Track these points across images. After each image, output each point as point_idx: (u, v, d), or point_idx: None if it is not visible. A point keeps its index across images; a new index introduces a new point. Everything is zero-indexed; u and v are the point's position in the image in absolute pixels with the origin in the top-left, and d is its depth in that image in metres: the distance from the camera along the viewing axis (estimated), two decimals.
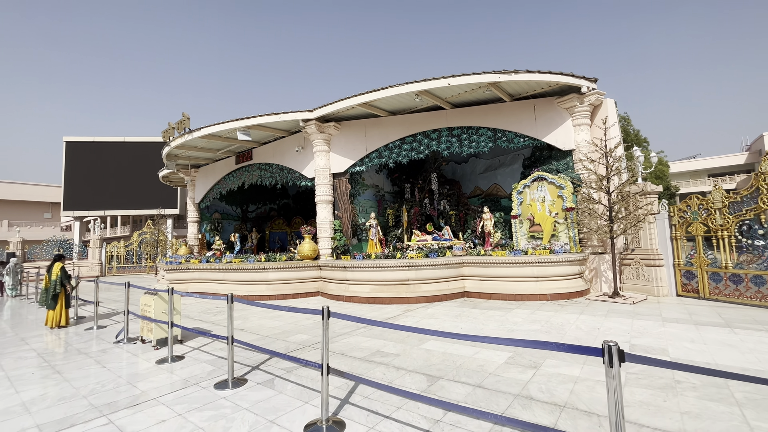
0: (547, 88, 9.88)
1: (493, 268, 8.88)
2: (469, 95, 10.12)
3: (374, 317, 7.29)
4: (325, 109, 10.28)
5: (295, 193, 20.28)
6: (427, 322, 6.65)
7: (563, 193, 9.67)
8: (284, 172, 12.59)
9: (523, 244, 10.32)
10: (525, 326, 6.12)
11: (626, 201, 8.14)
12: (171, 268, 11.44)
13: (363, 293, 9.00)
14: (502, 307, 7.76)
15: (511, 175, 12.53)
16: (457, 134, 10.72)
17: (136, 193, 30.12)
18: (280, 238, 18.27)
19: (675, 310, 6.89)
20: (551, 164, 10.58)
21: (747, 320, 5.98)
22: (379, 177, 13.39)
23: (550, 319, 6.58)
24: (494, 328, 6.12)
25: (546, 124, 10.19)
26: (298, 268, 10.27)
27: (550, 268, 8.50)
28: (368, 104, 10.16)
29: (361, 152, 11.17)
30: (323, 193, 11.11)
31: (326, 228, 11.04)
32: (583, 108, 9.83)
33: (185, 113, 11.55)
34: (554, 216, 9.89)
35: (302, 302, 9.53)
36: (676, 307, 7.23)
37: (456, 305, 8.23)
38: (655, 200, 8.83)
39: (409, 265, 8.73)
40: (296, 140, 12.12)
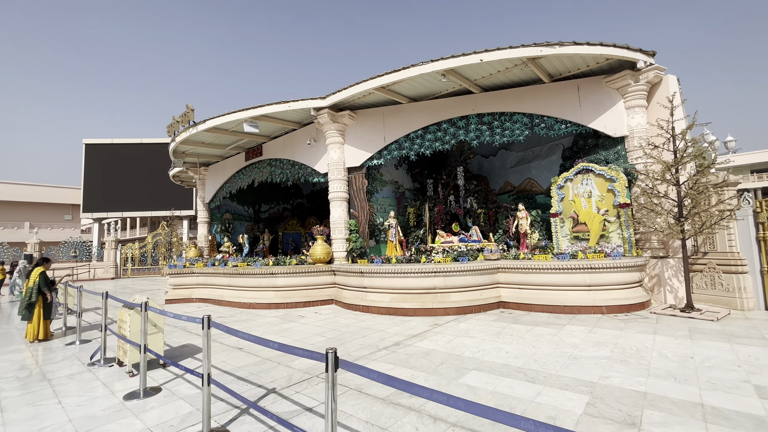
0: (593, 66, 8.50)
1: (535, 275, 7.55)
2: (503, 76, 8.83)
3: (397, 333, 6.12)
4: (338, 96, 9.20)
5: (309, 193, 19.36)
6: (461, 342, 5.43)
7: (615, 186, 8.26)
8: (295, 167, 11.59)
9: (564, 246, 8.94)
10: (589, 350, 4.82)
11: (704, 194, 6.68)
12: (174, 273, 10.61)
13: (382, 303, 7.84)
14: (550, 323, 6.45)
15: (547, 168, 11.12)
16: (487, 121, 9.43)
17: (154, 194, 29.97)
18: (294, 239, 17.35)
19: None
20: (598, 154, 9.16)
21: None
22: (399, 172, 12.22)
23: (617, 340, 5.25)
24: (549, 352, 4.84)
25: (592, 108, 8.78)
26: (309, 273, 9.21)
27: (605, 275, 7.12)
28: (387, 88, 9.02)
29: (379, 144, 10.03)
30: (337, 189, 10.02)
31: (341, 228, 9.95)
32: (638, 87, 8.39)
33: (189, 105, 10.71)
34: (603, 213, 8.48)
35: (314, 312, 8.45)
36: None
37: (492, 319, 6.96)
38: (735, 194, 7.32)
39: (436, 270, 7.51)
40: (308, 133, 11.10)
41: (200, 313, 9.07)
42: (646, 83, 8.41)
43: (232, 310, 9.14)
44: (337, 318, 7.66)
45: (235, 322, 7.69)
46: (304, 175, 11.28)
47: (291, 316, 8.01)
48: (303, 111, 10.06)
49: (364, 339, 5.86)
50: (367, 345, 5.52)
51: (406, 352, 5.07)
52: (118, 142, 30.40)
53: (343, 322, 7.22)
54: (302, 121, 11.12)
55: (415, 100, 9.92)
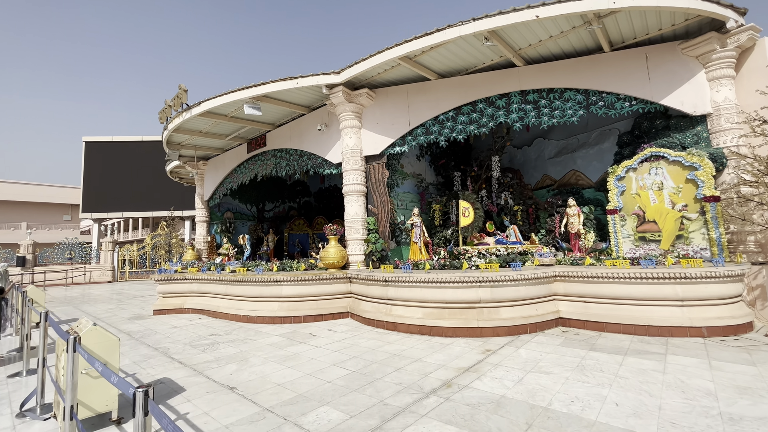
0: (666, 29, 6.94)
1: (606, 285, 5.98)
2: (553, 43, 7.29)
3: (441, 365, 4.58)
4: (355, 69, 7.71)
5: (317, 190, 17.92)
6: (537, 383, 3.88)
7: (698, 175, 6.68)
8: (303, 158, 10.13)
9: (626, 248, 7.37)
10: (740, 403, 3.26)
11: None
12: (163, 279, 9.16)
13: (413, 319, 6.31)
14: (642, 351, 4.87)
15: (597, 157, 9.54)
16: (533, 100, 7.89)
17: (157, 193, 28.76)
18: (301, 240, 15.88)
19: None
20: (669, 137, 7.57)
21: None
22: (421, 164, 10.71)
23: (763, 383, 3.67)
24: (680, 406, 3.28)
25: (665, 81, 7.20)
26: (320, 280, 7.71)
27: (704, 287, 5.52)
28: (414, 59, 7.52)
29: (402, 128, 8.53)
30: (353, 181, 8.52)
31: (357, 227, 8.44)
32: (725, 54, 6.80)
33: (182, 85, 9.31)
34: (681, 209, 6.90)
35: (327, 329, 6.95)
36: None
37: (558, 343, 5.39)
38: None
39: (482, 279, 5.97)
40: (318, 118, 9.64)
41: (192, 326, 7.61)
42: (736, 48, 6.82)
43: (229, 325, 7.66)
44: (356, 338, 6.15)
45: (231, 342, 6.21)
46: (314, 167, 9.81)
47: (299, 335, 6.52)
48: (313, 90, 8.59)
49: (399, 374, 4.34)
50: (406, 385, 3.99)
51: (467, 401, 3.53)
52: (119, 139, 29.27)
53: (365, 345, 5.70)
54: (311, 105, 9.66)
55: (444, 76, 8.42)
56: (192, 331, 7.17)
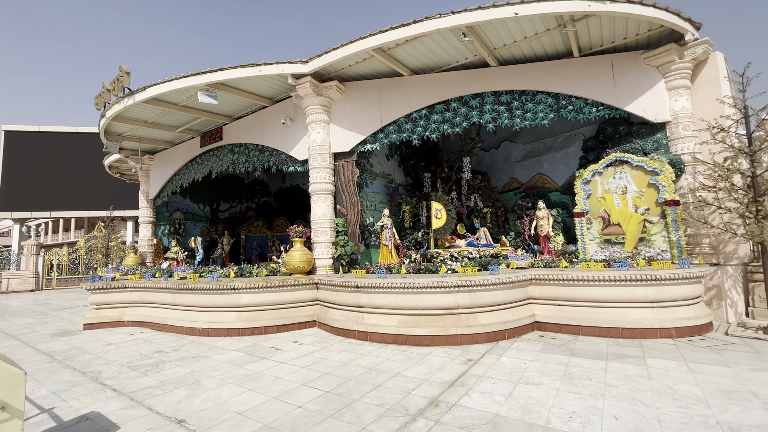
0: (631, 39, 7.16)
1: (581, 288, 5.95)
2: (527, 45, 7.27)
3: (423, 379, 4.19)
4: (325, 59, 7.17)
5: (278, 190, 16.95)
6: (529, 396, 3.61)
7: (659, 180, 6.91)
8: (265, 154, 9.36)
9: (592, 251, 7.50)
10: (732, 410, 3.19)
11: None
12: (97, 287, 7.94)
13: (387, 328, 5.87)
14: (621, 354, 4.82)
15: (563, 161, 9.74)
16: (506, 101, 7.82)
17: (93, 191, 25.92)
18: (259, 243, 14.88)
19: None
20: (632, 143, 7.82)
21: None
22: (390, 164, 10.35)
23: (745, 386, 3.68)
24: (677, 417, 3.15)
25: (628, 88, 7.44)
26: (284, 287, 7.04)
27: (672, 288, 5.64)
28: (388, 52, 7.14)
29: (374, 124, 8.10)
30: (321, 179, 7.95)
31: (325, 229, 7.87)
32: (682, 65, 7.14)
33: (124, 66, 8.19)
34: (644, 212, 7.12)
35: (292, 340, 6.31)
36: None
37: (538, 349, 5.23)
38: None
39: (460, 284, 5.68)
40: (282, 111, 8.94)
41: (132, 343, 6.60)
42: (692, 60, 7.18)
43: (177, 340, 6.75)
44: (326, 350, 5.59)
45: (180, 361, 5.39)
46: (277, 164, 9.09)
47: (261, 349, 5.83)
48: (277, 79, 7.92)
49: (379, 393, 3.88)
50: (389, 406, 3.54)
51: (459, 423, 3.16)
52: (47, 130, 26.07)
53: (337, 358, 5.17)
54: (275, 96, 8.95)
55: (417, 72, 8.12)
56: (132, 349, 6.19)
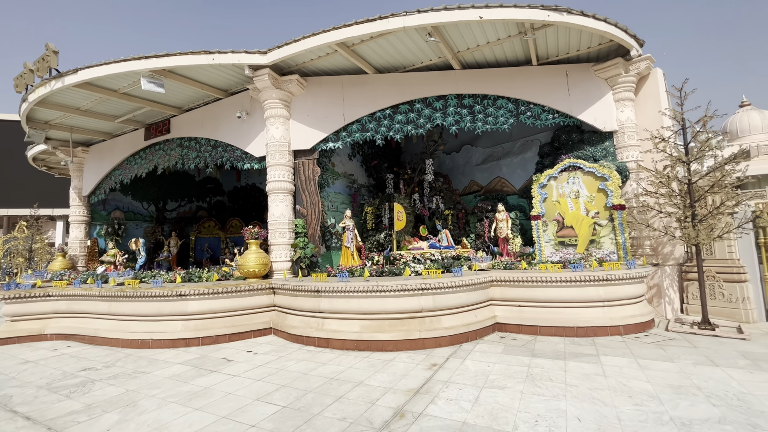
0: (583, 51, 7.54)
1: (540, 289, 6.11)
2: (489, 50, 7.41)
3: (387, 387, 4.01)
4: (285, 51, 6.80)
5: (233, 189, 16.02)
6: (495, 401, 3.56)
7: (608, 186, 7.31)
8: (218, 149, 8.73)
9: (547, 252, 7.78)
10: (682, 405, 3.34)
11: (728, 193, 5.91)
12: (14, 296, 6.89)
13: (349, 334, 5.63)
14: (578, 353, 4.97)
15: (521, 166, 10.07)
16: (468, 105, 7.92)
17: (15, 187, 22.99)
18: (211, 245, 13.93)
19: None
20: (583, 150, 8.23)
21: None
22: (353, 164, 10.11)
23: (688, 380, 3.90)
24: (634, 414, 3.24)
25: (581, 98, 7.83)
26: (238, 292, 6.55)
27: (621, 288, 5.96)
28: (352, 48, 6.92)
29: (336, 122, 7.83)
30: (279, 177, 7.53)
31: (283, 230, 7.46)
32: (627, 78, 7.64)
33: (50, 45, 7.22)
34: (594, 216, 7.50)
35: (246, 350, 5.86)
36: None
37: (500, 350, 5.26)
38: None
39: (425, 287, 5.59)
40: (237, 104, 8.39)
41: (55, 359, 5.76)
42: (636, 74, 7.71)
43: (112, 354, 6.02)
44: (283, 360, 5.24)
45: (113, 378, 4.77)
46: (231, 160, 8.50)
47: (211, 361, 5.34)
48: (233, 70, 7.40)
49: (341, 406, 3.63)
50: (351, 420, 3.31)
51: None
52: None
53: (295, 368, 4.84)
54: (230, 88, 8.38)
55: (381, 71, 7.99)
56: (54, 367, 5.40)
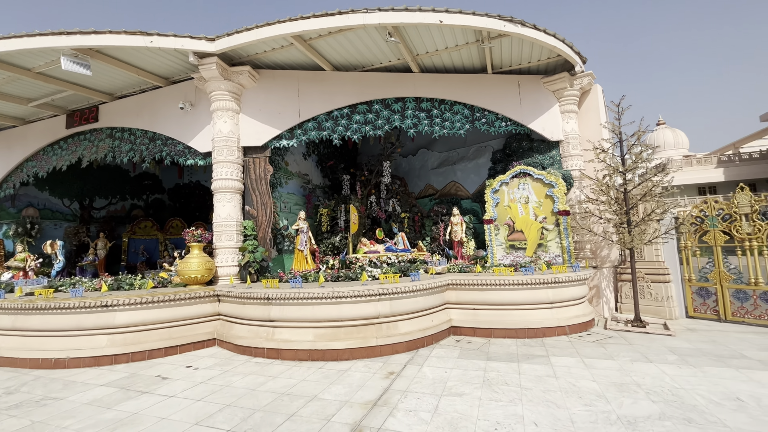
0: (534, 63, 7.91)
1: (495, 292, 6.23)
2: (447, 56, 7.50)
3: (343, 401, 3.79)
4: (235, 39, 6.31)
5: (174, 187, 14.75)
6: (455, 410, 3.50)
7: (554, 192, 7.70)
8: (157, 143, 7.91)
9: (499, 255, 8.05)
10: (626, 403, 3.51)
11: (657, 201, 6.45)
12: None
13: (302, 343, 5.30)
14: (530, 355, 5.11)
15: (475, 171, 10.34)
16: (426, 108, 7.95)
17: None
18: (147, 248, 12.68)
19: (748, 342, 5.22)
20: (533, 158, 8.63)
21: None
22: (308, 164, 9.72)
23: (629, 377, 4.15)
24: (585, 416, 3.34)
25: (532, 108, 8.20)
26: (177, 300, 5.92)
27: (567, 290, 6.27)
28: (309, 42, 6.61)
29: (291, 119, 7.45)
30: (227, 175, 6.98)
31: (230, 232, 6.92)
32: (572, 92, 8.14)
33: None
34: (542, 221, 7.87)
35: (185, 365, 5.29)
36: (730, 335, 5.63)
37: (456, 355, 5.26)
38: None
39: (382, 292, 5.44)
40: (180, 94, 7.67)
41: None
42: (579, 89, 8.23)
43: (16, 377, 5.13)
44: (228, 375, 4.79)
45: (14, 408, 4.03)
46: (172, 155, 7.75)
47: (142, 380, 4.73)
48: (175, 56, 6.74)
49: (293, 425, 3.35)
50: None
51: None
52: None
53: (242, 384, 4.44)
54: (172, 76, 7.64)
55: (339, 69, 7.75)
56: None
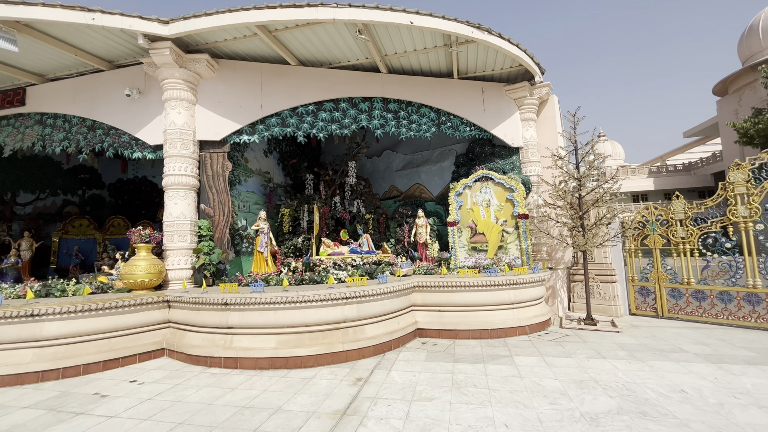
0: (497, 71, 8.18)
1: (460, 294, 6.31)
2: (415, 58, 7.52)
3: (310, 411, 3.59)
4: (193, 24, 5.85)
5: (116, 182, 13.46)
6: (426, 415, 3.44)
7: (515, 196, 8.00)
8: (98, 132, 7.13)
9: (462, 257, 8.22)
10: (586, 400, 3.67)
11: (608, 207, 6.90)
12: None
13: (263, 351, 4.99)
14: (495, 356, 5.21)
15: (439, 174, 10.48)
16: (394, 109, 7.92)
17: None
18: (83, 249, 11.43)
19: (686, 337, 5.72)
20: (495, 163, 8.92)
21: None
22: (269, 161, 9.29)
23: (587, 374, 4.36)
24: (552, 414, 3.43)
25: (494, 114, 8.47)
26: (120, 308, 5.33)
27: (527, 291, 6.51)
28: (274, 33, 6.30)
29: (253, 113, 7.05)
30: (181, 171, 6.44)
31: (183, 232, 6.39)
32: (532, 101, 8.53)
33: None
34: (502, 224, 8.14)
35: (128, 377, 4.76)
36: (667, 331, 6.15)
37: (424, 358, 5.24)
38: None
39: (349, 296, 5.28)
40: (127, 80, 6.98)
41: None
42: (538, 98, 8.64)
43: None
44: (181, 389, 4.37)
45: None
46: (116, 147, 7.02)
47: (76, 399, 4.18)
48: (121, 37, 6.11)
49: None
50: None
51: None
52: None
53: (196, 398, 4.06)
54: (117, 60, 6.93)
55: (305, 64, 7.49)
56: None
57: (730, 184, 6.54)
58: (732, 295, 6.46)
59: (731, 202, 6.50)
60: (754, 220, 6.25)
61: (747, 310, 6.27)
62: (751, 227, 6.27)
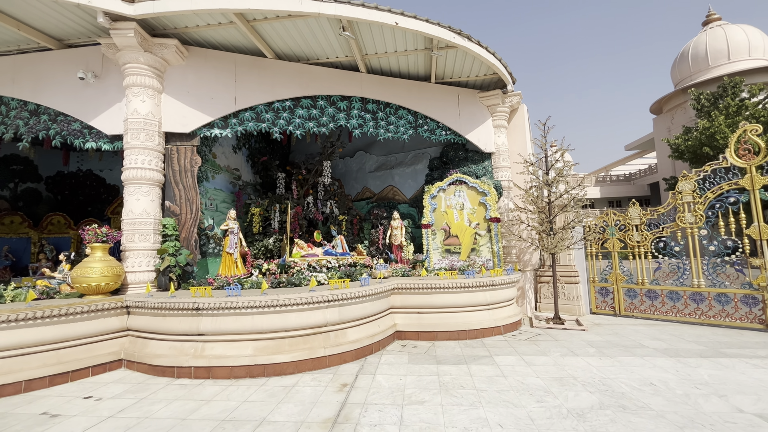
0: (472, 78, 8.41)
1: (439, 296, 6.35)
2: (395, 60, 7.52)
3: (298, 420, 3.39)
4: (163, 5, 5.39)
5: (55, 174, 12.08)
6: (421, 419, 3.39)
7: (487, 200, 8.26)
8: (42, 118, 6.34)
9: (435, 259, 8.33)
10: (570, 397, 3.82)
11: (575, 212, 7.30)
12: None
13: (239, 358, 4.68)
14: (476, 356, 5.29)
15: (412, 176, 10.53)
16: (372, 110, 7.85)
17: None
18: (14, 249, 10.12)
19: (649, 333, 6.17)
20: (468, 167, 9.14)
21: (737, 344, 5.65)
22: (238, 158, 8.81)
23: (565, 371, 4.55)
24: (541, 412, 3.53)
25: (469, 120, 8.69)
26: (70, 315, 4.74)
27: (502, 292, 6.70)
28: (252, 23, 5.98)
29: (226, 106, 6.64)
30: (144, 164, 5.89)
31: (146, 231, 5.84)
32: (503, 108, 8.86)
33: None
34: (475, 227, 8.36)
35: (82, 393, 4.24)
36: (626, 328, 6.61)
37: (406, 361, 5.20)
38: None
39: (331, 299, 5.10)
40: (78, 61, 6.29)
41: None
42: (510, 107, 8.99)
43: None
44: (147, 402, 3.96)
45: None
46: (64, 135, 6.28)
47: (19, 421, 3.63)
48: (76, 13, 5.49)
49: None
50: None
51: None
52: None
53: (166, 413, 3.70)
54: (68, 38, 6.23)
55: (281, 58, 7.20)
56: None
57: (678, 193, 7.20)
58: (680, 294, 7.10)
59: (680, 210, 7.16)
60: (699, 226, 6.92)
61: (692, 307, 6.91)
62: (697, 232, 6.94)
